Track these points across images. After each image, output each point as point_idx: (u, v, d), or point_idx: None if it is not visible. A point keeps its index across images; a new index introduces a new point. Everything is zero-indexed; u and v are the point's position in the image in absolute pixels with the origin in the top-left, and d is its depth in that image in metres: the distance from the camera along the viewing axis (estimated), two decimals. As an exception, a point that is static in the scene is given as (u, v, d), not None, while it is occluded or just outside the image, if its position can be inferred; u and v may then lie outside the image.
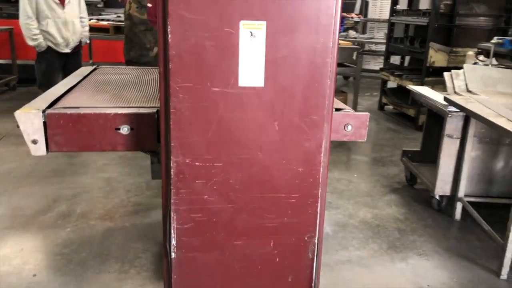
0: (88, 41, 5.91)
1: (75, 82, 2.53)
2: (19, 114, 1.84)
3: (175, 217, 1.76)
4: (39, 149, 1.88)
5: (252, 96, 1.67)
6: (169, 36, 1.57)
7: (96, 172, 4.74)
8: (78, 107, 1.95)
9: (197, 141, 1.68)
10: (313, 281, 1.91)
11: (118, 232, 3.53)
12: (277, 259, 1.86)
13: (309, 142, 1.74)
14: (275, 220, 1.82)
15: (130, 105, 2.03)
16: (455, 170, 4.02)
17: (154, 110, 1.93)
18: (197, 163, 1.71)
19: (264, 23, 1.60)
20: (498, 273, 3.20)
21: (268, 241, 1.85)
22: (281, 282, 1.89)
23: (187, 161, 1.70)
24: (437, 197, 4.14)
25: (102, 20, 7.73)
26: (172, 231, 1.77)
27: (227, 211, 1.78)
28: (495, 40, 4.78)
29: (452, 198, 4.11)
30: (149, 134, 1.94)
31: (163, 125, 1.70)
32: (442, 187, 4.07)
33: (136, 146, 1.95)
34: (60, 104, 2.01)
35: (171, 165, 1.70)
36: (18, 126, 1.86)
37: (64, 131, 1.88)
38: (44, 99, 2.06)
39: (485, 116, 3.22)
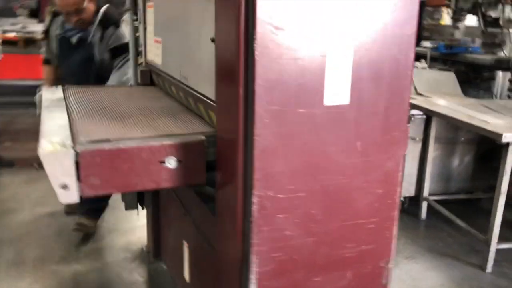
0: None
1: (60, 108, 2.14)
2: (45, 154, 1.47)
3: (256, 260, 1.52)
4: (70, 195, 1.53)
5: (337, 115, 1.50)
6: (255, 57, 1.35)
7: (34, 206, 4.14)
8: (111, 140, 1.62)
9: (281, 170, 1.47)
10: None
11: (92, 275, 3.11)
12: (353, 291, 1.70)
13: (390, 161, 1.62)
14: (354, 249, 1.66)
15: (168, 133, 1.74)
16: (419, 171, 4.15)
17: (202, 137, 1.67)
18: (280, 195, 1.50)
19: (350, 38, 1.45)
20: (483, 267, 3.34)
21: (346, 273, 1.69)
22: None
23: (270, 194, 1.48)
24: (402, 199, 4.25)
25: (6, 31, 6.90)
26: (252, 276, 1.53)
27: (307, 245, 1.59)
28: (430, 44, 5.06)
29: (415, 198, 4.25)
30: (198, 166, 1.67)
31: (241, 155, 1.46)
32: (408, 188, 4.18)
33: (184, 181, 1.67)
34: (83, 137, 1.66)
35: (253, 200, 1.47)
36: (37, 168, 1.50)
37: (100, 171, 1.55)
38: (56, 132, 1.69)
39: (461, 119, 3.36)
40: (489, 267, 3.32)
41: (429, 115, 3.88)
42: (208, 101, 1.76)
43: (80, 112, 2.06)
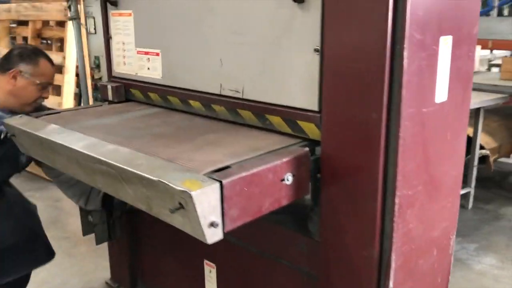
0: None
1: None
2: (197, 194, 1.29)
3: (394, 257, 1.60)
4: (217, 233, 1.38)
5: (441, 111, 1.66)
6: (405, 60, 1.42)
7: None
8: (231, 166, 1.49)
9: (410, 168, 1.57)
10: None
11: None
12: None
13: (461, 144, 1.85)
14: (440, 228, 1.85)
15: (263, 149, 1.66)
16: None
17: (306, 149, 1.65)
18: (409, 192, 1.59)
19: (450, 37, 1.62)
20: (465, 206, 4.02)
21: (433, 250, 1.87)
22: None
23: (404, 192, 1.57)
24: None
25: None
26: (391, 274, 1.61)
27: (419, 233, 1.72)
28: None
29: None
30: (305, 178, 1.65)
31: (382, 159, 1.51)
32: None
33: (296, 195, 1.63)
34: (203, 166, 1.48)
35: (396, 201, 1.54)
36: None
37: (239, 201, 1.43)
38: (161, 166, 1.47)
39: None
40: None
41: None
42: (297, 111, 1.72)
43: (129, 139, 1.80)
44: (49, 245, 2.48)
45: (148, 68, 2.29)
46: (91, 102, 2.70)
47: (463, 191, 4.05)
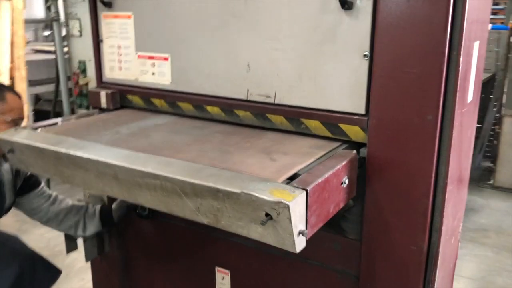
0: None
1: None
2: (292, 203, 1.29)
3: (441, 251, 1.71)
4: (302, 241, 1.38)
5: (470, 109, 1.80)
6: (460, 65, 1.52)
7: None
8: (300, 173, 1.50)
9: (454, 165, 1.69)
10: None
11: None
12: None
13: (472, 135, 2.02)
14: (456, 217, 2.01)
15: (312, 154, 1.68)
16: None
17: (354, 152, 1.70)
18: (451, 187, 1.71)
19: (478, 42, 1.76)
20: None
21: (452, 238, 2.03)
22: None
23: (451, 188, 1.68)
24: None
25: None
26: (438, 268, 1.72)
27: (450, 225, 1.86)
28: None
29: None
30: (355, 180, 1.71)
31: (435, 157, 1.60)
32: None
33: (348, 197, 1.68)
34: (280, 175, 1.46)
35: (445, 196, 1.64)
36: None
37: (316, 207, 1.44)
38: (232, 177, 1.43)
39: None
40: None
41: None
42: (339, 115, 1.76)
43: (168, 149, 1.71)
44: (50, 264, 2.28)
45: (153, 73, 2.18)
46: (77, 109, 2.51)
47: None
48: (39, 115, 5.22)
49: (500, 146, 4.82)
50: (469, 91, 1.76)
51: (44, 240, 3.67)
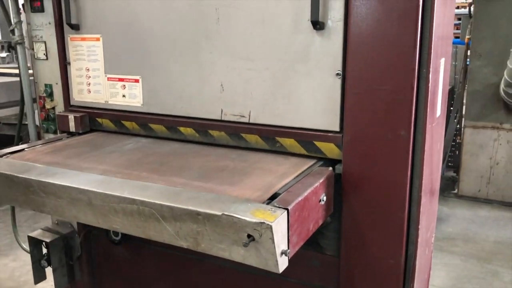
0: None
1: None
2: (275, 224, 1.28)
3: (418, 262, 1.74)
4: (285, 261, 1.38)
5: (437, 125, 1.86)
6: (430, 82, 1.57)
7: None
8: (280, 192, 1.50)
9: (426, 178, 1.73)
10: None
11: None
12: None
13: (441, 143, 2.08)
14: (431, 230, 2.06)
15: (287, 173, 1.69)
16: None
17: (330, 169, 1.72)
18: (424, 200, 1.75)
19: (444, 59, 1.82)
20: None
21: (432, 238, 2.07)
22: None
23: (424, 200, 1.72)
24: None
25: None
26: (416, 276, 1.74)
27: (423, 232, 1.90)
28: None
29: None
30: (331, 197, 1.72)
31: (409, 171, 1.64)
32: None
33: (326, 214, 1.70)
34: (261, 194, 1.46)
35: (420, 209, 1.68)
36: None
37: (297, 226, 1.45)
38: (213, 199, 1.41)
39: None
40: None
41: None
42: (314, 132, 1.78)
43: (141, 173, 1.68)
44: None
45: (124, 96, 2.15)
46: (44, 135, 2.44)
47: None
48: (-1, 139, 5.06)
49: (462, 156, 4.98)
50: (438, 106, 1.81)
51: (7, 270, 3.52)
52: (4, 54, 8.68)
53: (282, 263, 1.36)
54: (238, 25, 1.81)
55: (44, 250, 2.45)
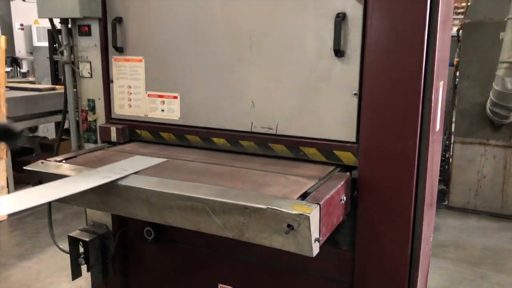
0: None
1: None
2: (312, 214, 1.59)
3: (421, 253, 2.05)
4: (317, 247, 1.68)
5: (437, 138, 2.19)
6: (432, 102, 1.90)
7: None
8: (310, 192, 1.81)
9: (429, 182, 2.05)
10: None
11: None
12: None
13: (439, 155, 2.40)
14: (431, 230, 2.37)
15: (315, 176, 1.99)
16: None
17: (348, 173, 2.03)
18: (427, 201, 2.07)
19: (442, 82, 2.16)
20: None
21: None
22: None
23: (427, 201, 2.04)
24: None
25: None
26: (420, 266, 2.05)
27: (426, 235, 2.21)
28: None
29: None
30: (350, 197, 2.03)
31: (415, 175, 1.95)
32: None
33: (346, 212, 2.00)
34: (294, 193, 1.77)
35: (424, 208, 1.99)
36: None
37: (326, 219, 1.75)
38: (261, 197, 1.71)
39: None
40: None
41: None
42: (333, 143, 2.09)
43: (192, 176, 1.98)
44: None
45: (163, 110, 2.45)
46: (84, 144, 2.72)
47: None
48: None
49: (452, 169, 5.32)
50: (437, 121, 2.14)
51: (33, 272, 3.74)
52: (8, 69, 8.96)
53: (316, 249, 1.66)
54: (269, 51, 2.14)
55: (81, 249, 2.72)
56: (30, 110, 5.23)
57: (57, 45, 2.64)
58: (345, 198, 1.95)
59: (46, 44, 8.27)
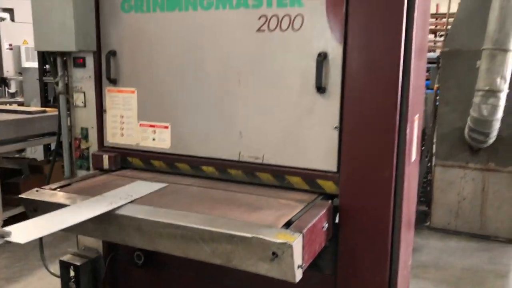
0: None
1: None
2: (295, 243, 1.71)
3: (399, 279, 2.17)
4: (300, 273, 1.79)
5: (413, 168, 2.33)
6: (407, 135, 2.05)
7: None
8: (294, 220, 1.92)
9: (405, 209, 2.18)
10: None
11: None
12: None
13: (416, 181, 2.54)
14: (409, 254, 2.50)
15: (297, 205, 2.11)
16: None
17: (329, 201, 2.16)
18: (404, 229, 2.20)
19: (418, 115, 2.31)
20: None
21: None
22: None
23: (404, 228, 2.17)
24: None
25: None
26: None
27: (403, 259, 2.33)
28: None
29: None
30: (331, 225, 2.15)
31: (392, 203, 2.09)
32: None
33: (327, 239, 2.12)
34: (279, 221, 1.88)
35: (401, 235, 2.12)
36: None
37: (308, 246, 1.86)
38: (251, 226, 1.83)
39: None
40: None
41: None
42: (316, 172, 2.22)
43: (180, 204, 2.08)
44: None
45: (154, 139, 2.57)
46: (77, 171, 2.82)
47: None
48: None
49: (433, 191, 5.49)
50: (413, 152, 2.29)
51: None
52: (-5, 90, 9.02)
53: (298, 275, 1.77)
54: (256, 86, 2.27)
55: (71, 273, 2.79)
56: (21, 133, 5.28)
57: (52, 76, 2.72)
58: (326, 225, 2.07)
59: (34, 64, 8.36)
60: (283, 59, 2.20)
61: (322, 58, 2.09)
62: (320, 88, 2.12)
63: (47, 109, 5.89)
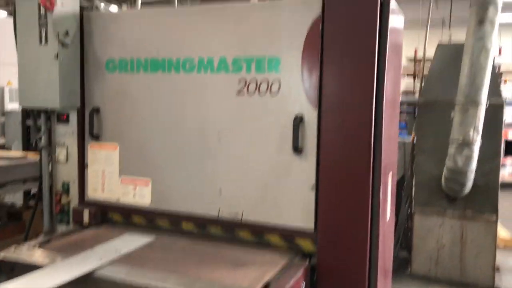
0: None
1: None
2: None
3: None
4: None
5: (387, 228, 2.39)
6: (381, 197, 2.12)
7: None
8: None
9: (381, 264, 2.23)
10: None
11: None
12: None
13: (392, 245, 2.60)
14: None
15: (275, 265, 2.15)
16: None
17: (307, 262, 2.20)
18: (380, 279, 2.24)
19: (391, 172, 2.40)
20: None
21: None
22: None
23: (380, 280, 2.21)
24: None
25: None
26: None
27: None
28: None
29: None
30: (309, 283, 2.18)
31: (367, 266, 2.14)
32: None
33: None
34: (257, 284, 1.91)
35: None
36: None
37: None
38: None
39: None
40: None
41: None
42: (294, 230, 2.27)
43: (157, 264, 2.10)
44: None
45: (134, 195, 2.60)
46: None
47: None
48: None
49: (413, 238, 5.55)
50: (387, 212, 2.36)
51: None
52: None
53: (275, 337, 1.79)
54: (236, 146, 2.35)
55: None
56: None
57: (35, 131, 2.77)
58: (304, 284, 2.10)
59: (17, 105, 8.34)
60: (261, 120, 2.28)
61: (298, 121, 2.18)
62: (297, 149, 2.20)
63: (28, 153, 5.87)
